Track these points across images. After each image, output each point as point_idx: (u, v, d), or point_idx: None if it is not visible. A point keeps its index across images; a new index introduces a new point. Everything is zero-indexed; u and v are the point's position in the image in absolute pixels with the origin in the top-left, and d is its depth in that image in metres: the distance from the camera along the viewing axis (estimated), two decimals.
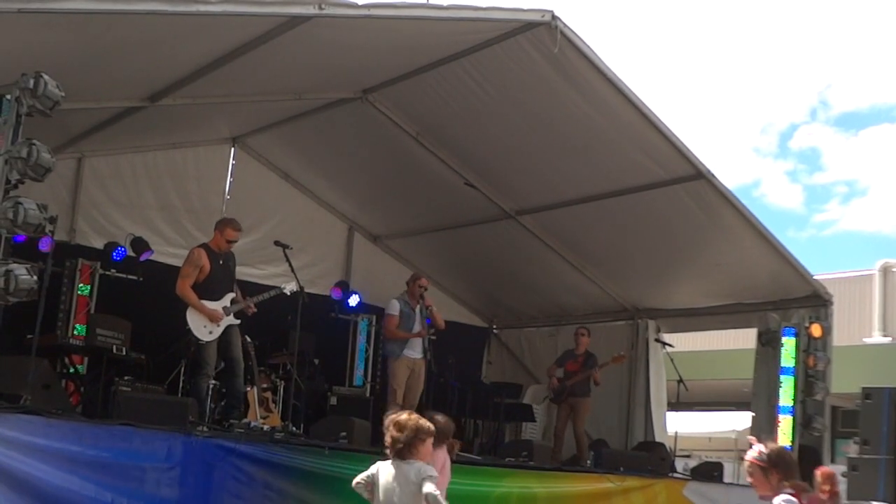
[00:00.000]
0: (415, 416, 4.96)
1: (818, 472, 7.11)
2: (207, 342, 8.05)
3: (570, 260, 11.81)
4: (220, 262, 8.24)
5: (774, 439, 5.43)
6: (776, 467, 4.44)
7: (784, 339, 10.58)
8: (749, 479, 4.56)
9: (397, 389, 9.39)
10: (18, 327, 7.06)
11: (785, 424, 10.42)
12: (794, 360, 10.50)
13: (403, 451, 4.78)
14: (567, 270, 11.97)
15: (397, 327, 9.54)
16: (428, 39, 8.18)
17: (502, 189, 11.00)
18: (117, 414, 6.69)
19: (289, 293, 8.53)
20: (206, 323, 8.04)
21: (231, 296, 8.28)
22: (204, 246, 8.33)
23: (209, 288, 8.13)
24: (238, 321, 8.29)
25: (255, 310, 8.37)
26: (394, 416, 4.94)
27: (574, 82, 8.53)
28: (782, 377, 10.54)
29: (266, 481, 6.69)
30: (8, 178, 5.86)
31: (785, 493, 4.36)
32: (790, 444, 10.16)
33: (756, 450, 4.50)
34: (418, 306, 9.58)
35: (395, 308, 9.59)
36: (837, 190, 58.78)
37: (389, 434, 4.84)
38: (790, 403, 10.47)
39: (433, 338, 9.72)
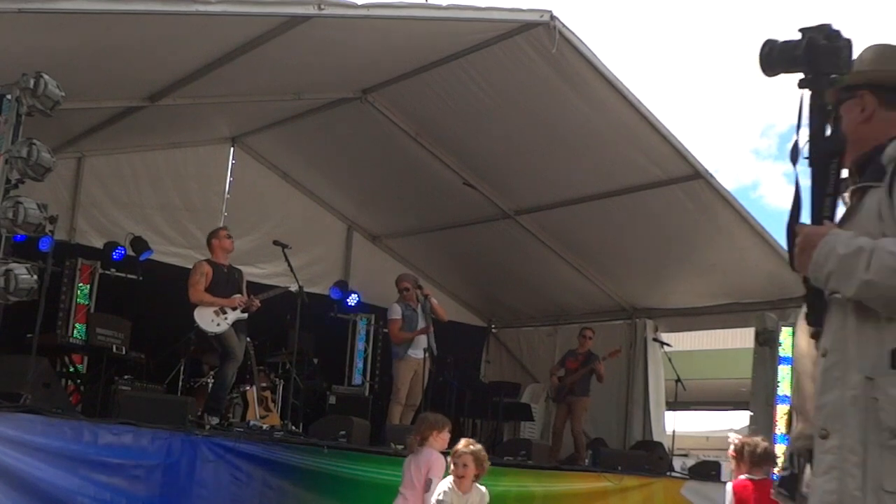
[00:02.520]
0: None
1: None
2: (223, 332, 8.15)
3: (569, 259, 11.82)
4: (224, 271, 8.40)
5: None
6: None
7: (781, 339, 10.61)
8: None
9: (401, 388, 9.43)
10: (18, 327, 7.08)
11: (782, 423, 10.45)
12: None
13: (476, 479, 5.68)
14: (565, 270, 11.98)
15: (400, 329, 9.58)
16: (427, 39, 8.20)
17: (501, 189, 11.01)
18: (117, 413, 6.71)
19: (294, 292, 8.64)
20: (213, 316, 8.16)
21: (238, 296, 8.40)
22: (206, 260, 8.52)
23: (215, 291, 8.30)
24: (245, 315, 8.38)
25: (260, 305, 8.47)
26: (467, 447, 5.70)
27: (572, 82, 8.54)
28: (780, 376, 10.57)
29: (265, 480, 6.73)
30: (8, 178, 5.89)
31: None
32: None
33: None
34: (419, 305, 9.59)
35: (396, 312, 9.61)
36: None
37: (474, 469, 5.61)
38: (788, 403, 10.50)
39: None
